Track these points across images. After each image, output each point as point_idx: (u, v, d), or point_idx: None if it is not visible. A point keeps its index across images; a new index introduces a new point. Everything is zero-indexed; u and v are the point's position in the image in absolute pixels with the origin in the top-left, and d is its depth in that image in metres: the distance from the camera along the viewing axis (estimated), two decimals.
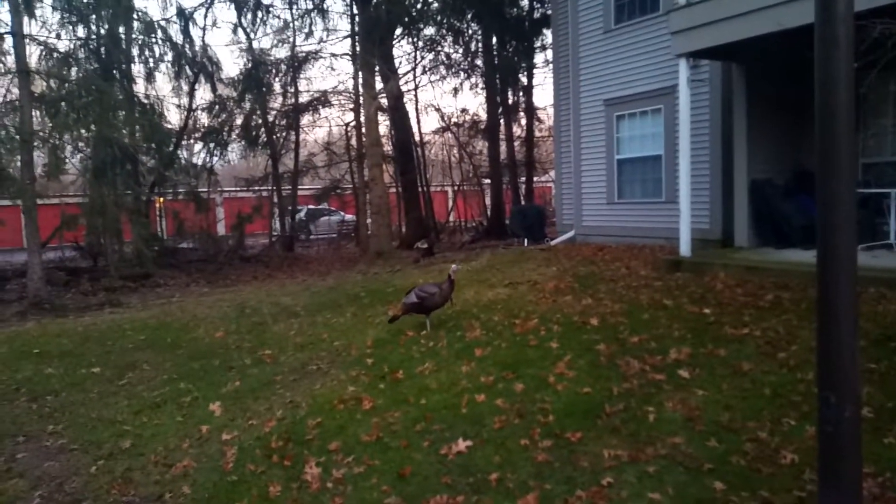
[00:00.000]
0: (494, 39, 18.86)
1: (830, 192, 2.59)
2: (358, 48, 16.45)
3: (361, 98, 16.29)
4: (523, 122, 20.67)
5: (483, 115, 20.52)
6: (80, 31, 14.11)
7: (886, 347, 4.85)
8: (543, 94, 55.06)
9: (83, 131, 13.27)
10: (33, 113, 12.37)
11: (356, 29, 16.71)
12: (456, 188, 23.15)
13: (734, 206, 8.94)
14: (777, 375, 4.58)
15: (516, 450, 3.99)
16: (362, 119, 16.39)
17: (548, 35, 16.84)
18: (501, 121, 20.15)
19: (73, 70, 13.19)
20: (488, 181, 21.10)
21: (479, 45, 19.43)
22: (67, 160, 14.24)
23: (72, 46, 13.99)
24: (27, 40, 12.20)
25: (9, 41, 12.03)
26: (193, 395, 5.75)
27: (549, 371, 5.15)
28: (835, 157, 2.61)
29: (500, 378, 5.15)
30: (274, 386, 5.81)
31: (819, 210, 2.61)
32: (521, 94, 20.48)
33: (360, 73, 16.32)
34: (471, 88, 20.35)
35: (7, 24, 12.13)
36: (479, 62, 19.62)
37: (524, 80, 20.10)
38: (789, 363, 4.74)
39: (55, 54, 12.84)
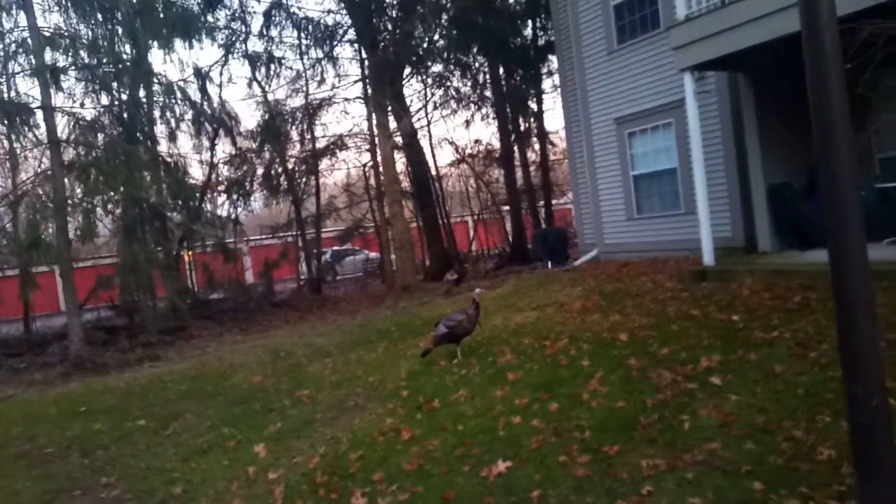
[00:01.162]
0: (501, 69, 19.21)
1: (834, 194, 2.70)
2: (369, 91, 16.90)
3: (376, 139, 16.67)
4: (537, 147, 20.90)
5: (497, 144, 20.82)
6: (104, 99, 14.71)
7: None
8: (555, 118, 55.56)
9: (112, 193, 13.73)
10: (65, 180, 12.87)
11: (366, 73, 17.18)
12: (476, 217, 23.36)
13: (754, 212, 8.98)
14: (809, 375, 4.61)
15: (555, 467, 4.07)
16: (379, 159, 16.75)
17: (554, 61, 17.11)
18: (515, 148, 20.40)
19: (100, 136, 13.71)
20: (507, 208, 21.29)
21: (487, 76, 19.82)
22: (99, 222, 14.71)
23: (97, 113, 14.58)
24: (56, 112, 12.74)
25: (39, 115, 12.58)
26: (237, 439, 5.90)
27: (582, 389, 5.23)
28: (834, 159, 2.71)
29: (535, 399, 5.24)
30: (314, 424, 5.95)
31: (826, 212, 2.71)
32: (532, 119, 20.77)
33: (373, 115, 16.72)
34: (482, 119, 20.71)
35: (37, 99, 12.70)
36: (488, 93, 19.99)
37: (534, 106, 20.41)
38: (821, 362, 4.76)
39: (81, 123, 13.37)
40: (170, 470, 5.48)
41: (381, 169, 16.76)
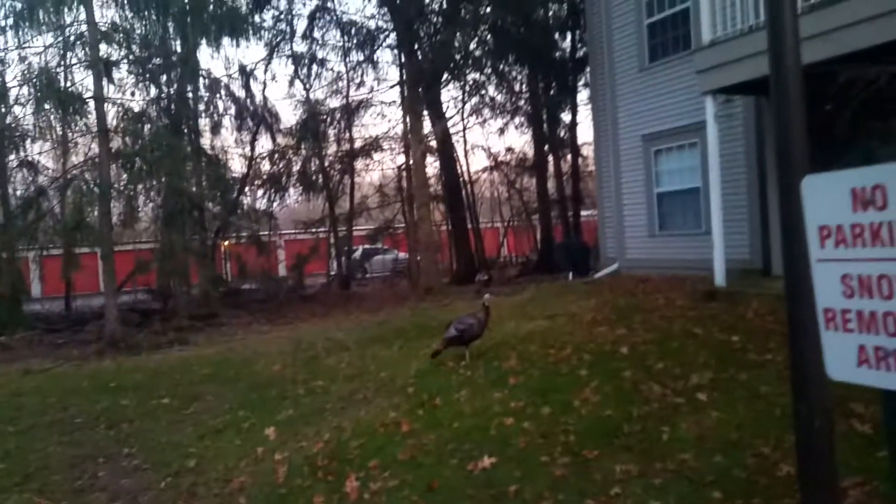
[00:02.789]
0: (538, 80, 19.44)
1: (789, 224, 2.93)
2: (406, 95, 17.30)
3: (410, 142, 17.06)
4: (569, 157, 21.07)
5: (529, 153, 21.04)
6: (152, 91, 15.41)
7: None
8: (588, 129, 55.44)
9: (155, 182, 14.40)
10: (111, 167, 13.54)
11: (404, 77, 17.59)
12: (506, 224, 23.61)
13: (770, 236, 9.06)
14: (789, 397, 4.77)
15: (536, 466, 4.34)
16: (411, 162, 17.15)
17: (589, 74, 17.30)
18: (550, 157, 20.61)
19: (146, 127, 14.38)
20: (537, 216, 21.50)
21: (524, 85, 20.08)
22: (140, 209, 15.41)
23: (144, 105, 15.29)
24: (106, 102, 13.44)
25: (90, 104, 13.27)
26: (251, 422, 6.29)
27: (575, 396, 5.46)
28: (792, 193, 2.95)
29: (530, 403, 5.50)
30: (323, 413, 6.30)
31: (783, 243, 2.94)
32: (565, 130, 20.94)
33: (407, 119, 17.12)
34: (516, 128, 20.98)
35: (90, 89, 13.41)
36: (522, 102, 20.24)
37: (568, 116, 20.61)
38: None
39: (129, 113, 14.06)
40: (186, 445, 5.89)
41: (412, 172, 17.15)
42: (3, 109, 13.75)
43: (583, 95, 20.73)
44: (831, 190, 1.87)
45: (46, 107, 13.42)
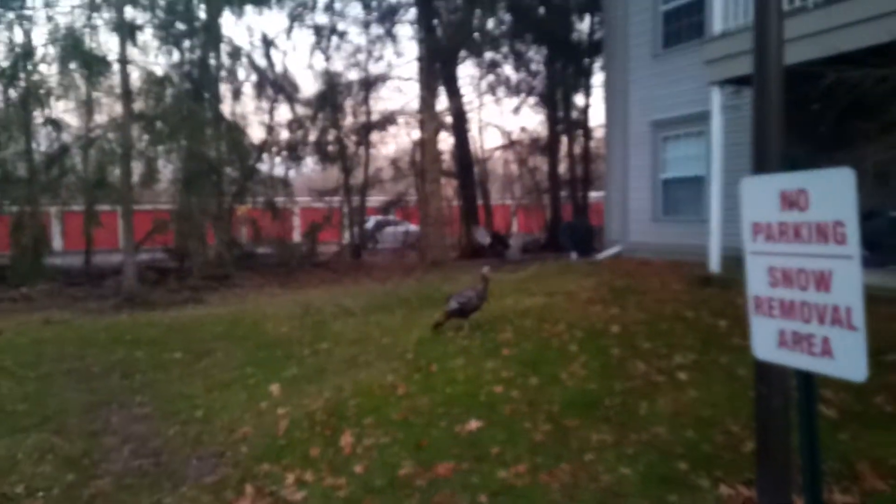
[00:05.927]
0: (554, 60, 19.48)
1: None
2: (423, 71, 17.43)
3: (425, 118, 17.25)
4: (582, 139, 21.17)
5: (543, 133, 21.16)
6: (175, 56, 15.65)
7: (875, 360, 5.21)
8: (601, 113, 55.14)
9: (175, 145, 14.73)
10: (133, 129, 13.88)
11: (422, 53, 17.71)
12: (517, 202, 23.82)
13: None
14: None
15: (519, 431, 4.65)
16: (425, 137, 17.35)
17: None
18: (563, 138, 20.71)
19: (168, 91, 14.66)
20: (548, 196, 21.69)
21: (540, 66, 20.12)
22: (160, 171, 15.77)
23: (167, 70, 15.55)
24: (130, 65, 13.73)
25: (115, 66, 13.57)
26: (257, 378, 6.65)
27: (563, 369, 5.77)
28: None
29: (520, 374, 5.80)
30: (326, 373, 6.64)
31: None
32: (579, 112, 21.02)
33: (423, 95, 17.29)
34: (531, 108, 21.07)
35: (114, 52, 13.70)
36: (537, 83, 20.29)
37: (583, 99, 20.68)
38: None
39: (152, 77, 14.34)
40: (195, 397, 6.27)
41: (425, 147, 17.37)
42: (30, 67, 14.06)
43: (598, 79, 20.82)
44: (764, 191, 2.11)
45: (72, 67, 13.72)
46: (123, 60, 13.33)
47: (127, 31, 13.23)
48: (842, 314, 1.94)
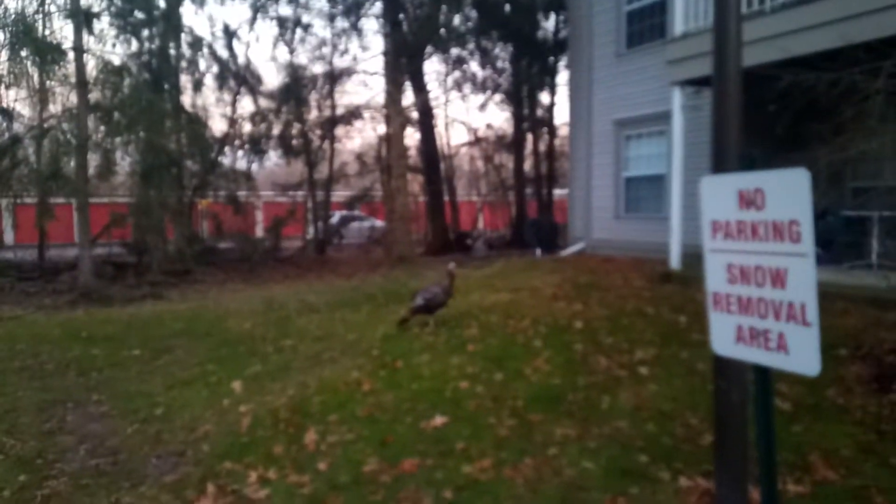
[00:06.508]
0: (520, 58, 19.59)
1: None
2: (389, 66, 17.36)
3: (390, 113, 17.19)
4: (547, 137, 21.36)
5: (509, 130, 21.27)
6: (133, 45, 15.28)
7: (828, 355, 5.40)
8: (565, 111, 55.73)
9: (133, 137, 14.37)
10: (88, 120, 13.50)
11: (387, 48, 17.63)
12: (482, 199, 23.93)
13: None
14: None
15: (484, 426, 4.68)
16: (391, 132, 17.29)
17: None
18: (528, 136, 20.86)
19: (126, 81, 14.30)
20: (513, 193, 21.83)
21: (506, 63, 20.22)
22: (118, 163, 15.39)
23: (125, 59, 15.17)
24: (86, 54, 13.34)
25: (70, 55, 13.16)
26: (219, 376, 6.54)
27: (527, 365, 5.82)
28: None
29: (485, 369, 5.83)
30: (290, 370, 6.57)
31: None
32: (544, 110, 21.20)
33: (388, 90, 17.22)
34: (497, 105, 21.17)
35: (69, 39, 13.30)
36: (503, 80, 20.39)
37: (548, 97, 20.85)
38: None
39: (109, 66, 13.96)
40: (154, 395, 6.14)
41: (391, 142, 17.30)
42: None
43: (563, 77, 21.02)
44: (723, 190, 2.16)
45: (23, 54, 13.26)
46: (79, 49, 12.96)
47: (83, 19, 12.87)
48: (797, 310, 2.00)
